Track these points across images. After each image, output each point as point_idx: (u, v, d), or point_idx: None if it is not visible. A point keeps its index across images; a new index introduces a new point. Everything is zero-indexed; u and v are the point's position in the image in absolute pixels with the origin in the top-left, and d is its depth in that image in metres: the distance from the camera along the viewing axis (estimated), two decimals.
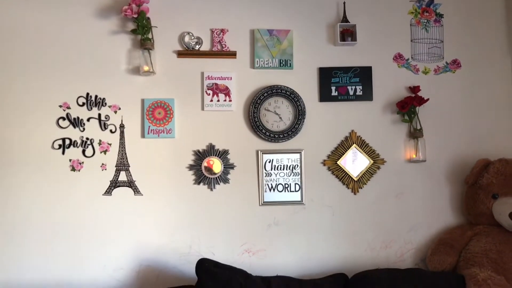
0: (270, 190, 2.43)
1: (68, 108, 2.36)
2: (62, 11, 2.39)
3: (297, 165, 2.45)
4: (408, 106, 2.41)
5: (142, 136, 2.39)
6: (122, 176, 2.37)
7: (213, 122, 2.43)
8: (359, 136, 2.48)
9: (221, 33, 2.44)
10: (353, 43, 2.48)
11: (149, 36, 2.36)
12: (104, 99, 2.38)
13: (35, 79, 2.36)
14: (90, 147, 2.36)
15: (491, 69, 2.56)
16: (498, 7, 2.58)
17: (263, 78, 2.45)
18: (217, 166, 2.40)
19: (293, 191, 2.44)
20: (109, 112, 2.38)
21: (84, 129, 2.36)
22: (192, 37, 2.43)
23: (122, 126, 2.39)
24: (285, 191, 2.44)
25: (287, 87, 2.44)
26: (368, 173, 2.47)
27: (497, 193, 2.30)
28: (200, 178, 2.40)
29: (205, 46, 2.44)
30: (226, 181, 2.42)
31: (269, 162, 2.44)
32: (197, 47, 2.43)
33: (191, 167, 2.40)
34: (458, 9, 2.57)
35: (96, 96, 2.38)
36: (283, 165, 2.44)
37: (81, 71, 2.39)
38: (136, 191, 2.37)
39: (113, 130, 2.38)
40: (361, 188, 2.46)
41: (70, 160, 2.35)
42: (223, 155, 2.42)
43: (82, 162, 2.35)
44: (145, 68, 2.35)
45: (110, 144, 2.37)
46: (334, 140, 2.48)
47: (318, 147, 2.47)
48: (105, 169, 2.36)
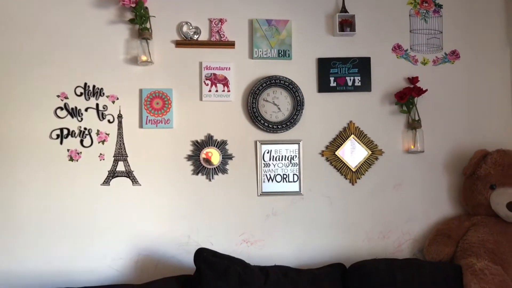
0: (268, 181, 2.44)
1: (66, 98, 2.36)
2: (60, 1, 2.38)
3: (296, 156, 2.45)
4: (407, 97, 2.41)
5: (140, 126, 2.38)
6: (120, 166, 2.36)
7: (211, 112, 2.42)
8: (358, 126, 2.48)
9: (220, 23, 2.42)
10: (352, 34, 2.47)
11: (147, 25, 2.35)
12: (102, 89, 2.37)
13: (33, 69, 2.35)
14: (88, 137, 2.35)
15: (490, 60, 2.55)
16: None
17: (261, 69, 2.45)
18: (215, 157, 2.40)
19: (291, 182, 2.44)
20: (107, 102, 2.37)
21: (82, 119, 2.36)
22: (190, 27, 2.42)
23: (120, 116, 2.38)
24: (283, 182, 2.44)
25: (286, 78, 2.43)
26: (366, 164, 2.47)
27: (495, 183, 2.31)
28: (198, 169, 2.40)
29: (203, 36, 2.43)
30: (224, 171, 2.42)
31: (268, 152, 2.44)
32: (195, 37, 2.42)
33: (189, 158, 2.40)
34: (457, 0, 2.56)
35: (94, 86, 2.37)
36: (282, 156, 2.44)
37: (79, 61, 2.37)
38: (134, 181, 2.37)
39: (111, 120, 2.37)
40: (359, 178, 2.47)
41: (68, 150, 2.34)
42: (221, 145, 2.42)
43: (80, 152, 2.35)
44: (143, 58, 2.34)
45: (108, 134, 2.37)
46: (333, 130, 2.48)
47: (316, 137, 2.47)
48: (103, 159, 2.36)
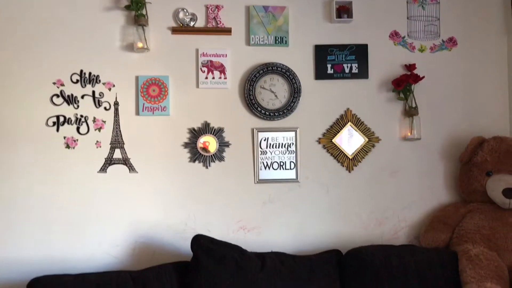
0: (265, 168, 2.44)
1: (62, 85, 2.34)
2: None
3: (292, 143, 2.45)
4: (404, 84, 2.41)
5: (137, 113, 2.38)
6: (117, 154, 2.36)
7: (208, 99, 2.42)
8: (355, 114, 2.47)
9: (216, 10, 2.41)
10: (349, 20, 2.46)
11: (143, 12, 2.32)
12: (98, 76, 2.36)
13: (28, 56, 2.33)
14: (84, 124, 2.34)
15: (487, 47, 2.54)
16: None
17: (258, 55, 2.43)
18: (212, 144, 2.40)
19: (288, 169, 2.45)
20: (103, 89, 2.36)
21: (78, 106, 2.34)
22: (187, 14, 2.40)
23: (116, 104, 2.37)
24: (280, 169, 2.44)
25: (283, 65, 2.42)
26: (363, 151, 2.47)
27: (491, 170, 2.31)
28: (195, 156, 2.40)
29: (200, 23, 2.41)
30: (221, 159, 2.42)
31: (265, 140, 2.44)
32: (191, 23, 2.40)
33: (186, 145, 2.40)
34: None
35: (90, 73, 2.36)
36: (279, 143, 2.44)
37: (75, 48, 2.35)
38: (131, 168, 2.37)
39: (108, 108, 2.36)
40: (356, 166, 2.47)
41: (64, 137, 2.33)
42: (218, 133, 2.41)
43: (77, 140, 2.34)
44: (139, 45, 2.32)
45: (104, 122, 2.36)
46: (330, 118, 2.48)
47: (313, 125, 2.47)
48: (100, 147, 2.35)
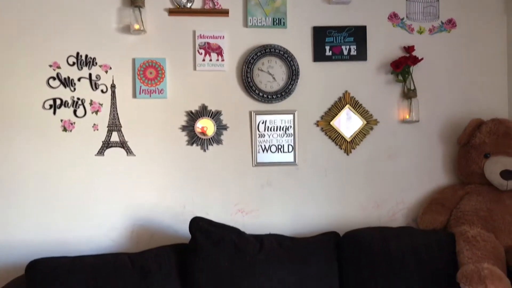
0: (263, 151, 2.43)
1: (58, 68, 2.32)
2: None
3: (290, 126, 2.44)
4: (402, 66, 2.39)
5: (134, 96, 2.36)
6: (114, 137, 2.35)
7: (205, 82, 2.40)
8: (353, 96, 2.46)
9: None
10: (347, 1, 2.43)
11: None
12: (94, 58, 2.34)
13: (24, 38, 2.31)
14: (81, 107, 2.33)
15: (487, 29, 2.52)
16: None
17: (256, 37, 2.41)
18: (210, 128, 2.39)
19: (286, 152, 2.44)
20: (100, 71, 2.34)
21: (74, 89, 2.33)
22: None
23: (113, 86, 2.35)
24: (278, 152, 2.44)
25: (281, 47, 2.40)
26: (361, 134, 2.46)
27: (489, 152, 2.31)
28: (193, 139, 2.39)
29: (197, 4, 2.38)
30: (219, 142, 2.41)
31: (263, 123, 2.43)
32: (188, 5, 2.37)
33: (183, 128, 2.39)
34: None
35: (86, 56, 2.34)
36: (277, 126, 2.44)
37: (70, 30, 2.33)
38: (128, 151, 2.36)
39: (104, 90, 2.35)
40: (354, 148, 2.46)
41: (61, 120, 2.32)
42: (216, 116, 2.40)
43: (74, 123, 2.33)
44: (136, 27, 2.30)
45: (101, 105, 2.35)
46: (328, 100, 2.46)
47: (311, 107, 2.45)
48: (97, 130, 2.34)
